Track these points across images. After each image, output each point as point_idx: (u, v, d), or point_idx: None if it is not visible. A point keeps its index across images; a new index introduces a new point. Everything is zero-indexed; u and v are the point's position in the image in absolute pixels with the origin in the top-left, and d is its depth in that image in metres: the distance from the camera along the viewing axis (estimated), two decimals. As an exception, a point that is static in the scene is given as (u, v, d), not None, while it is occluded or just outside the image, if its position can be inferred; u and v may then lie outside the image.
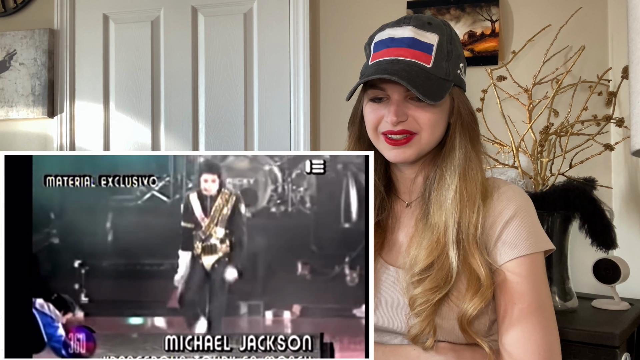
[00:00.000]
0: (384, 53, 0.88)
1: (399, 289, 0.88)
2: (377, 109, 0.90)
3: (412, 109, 0.87)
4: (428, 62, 0.86)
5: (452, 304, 0.84)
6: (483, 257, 0.84)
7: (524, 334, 0.81)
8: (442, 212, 0.86)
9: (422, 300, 0.82)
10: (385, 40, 0.89)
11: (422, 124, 0.87)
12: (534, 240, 0.85)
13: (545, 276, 0.86)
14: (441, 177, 0.89)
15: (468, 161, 0.88)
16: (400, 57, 0.86)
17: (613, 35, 1.73)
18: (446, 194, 0.87)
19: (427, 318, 0.82)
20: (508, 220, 0.85)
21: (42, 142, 2.47)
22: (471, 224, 0.85)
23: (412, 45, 0.87)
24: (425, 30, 0.88)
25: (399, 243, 0.94)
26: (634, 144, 0.76)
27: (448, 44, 0.89)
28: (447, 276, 0.83)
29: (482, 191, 0.87)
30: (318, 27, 2.15)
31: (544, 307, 0.83)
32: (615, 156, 1.70)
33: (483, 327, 0.85)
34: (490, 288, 0.83)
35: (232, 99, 2.22)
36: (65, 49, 2.43)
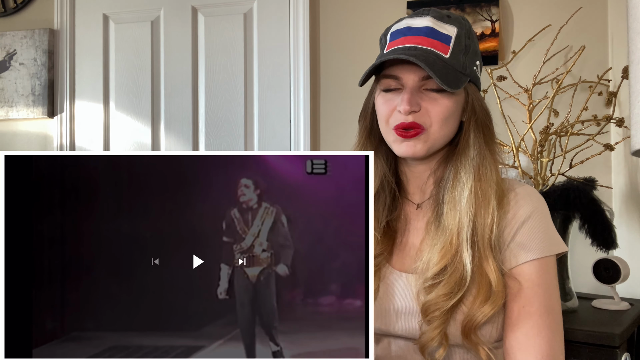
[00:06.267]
0: (401, 41, 0.86)
1: (410, 296, 0.85)
2: (389, 100, 0.86)
3: (426, 100, 0.84)
4: (446, 53, 0.84)
5: (464, 310, 0.81)
6: (496, 263, 0.81)
7: (529, 337, 0.80)
8: (456, 213, 0.83)
9: (435, 307, 0.80)
10: (403, 30, 0.87)
11: (433, 117, 0.84)
12: (547, 244, 0.83)
13: (556, 280, 0.84)
14: (456, 175, 0.86)
15: (482, 159, 0.85)
16: (418, 44, 0.84)
17: (613, 35, 1.73)
18: (461, 194, 0.84)
19: (440, 326, 0.80)
20: (523, 222, 0.83)
21: (42, 142, 2.47)
22: (486, 226, 0.82)
23: (430, 35, 0.85)
24: (444, 22, 0.86)
25: (408, 247, 0.91)
26: (634, 144, 0.76)
27: (466, 38, 0.87)
28: (461, 280, 0.80)
29: (497, 191, 0.84)
30: (318, 27, 2.15)
31: (552, 311, 0.81)
32: (615, 156, 1.70)
33: (489, 334, 0.83)
34: (501, 296, 0.80)
35: (232, 99, 2.22)
36: (65, 49, 2.43)
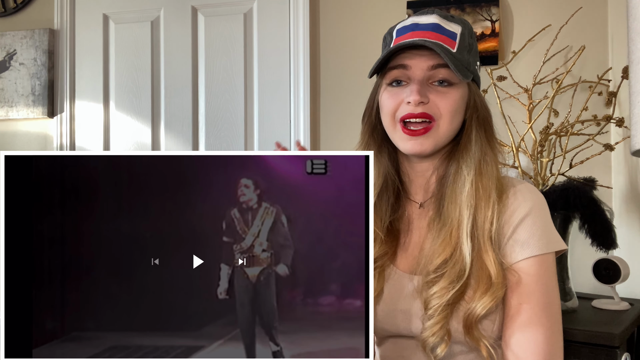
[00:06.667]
0: (408, 36, 0.86)
1: (414, 296, 0.86)
2: (396, 94, 0.87)
3: (434, 93, 0.85)
4: (453, 47, 0.85)
5: (465, 304, 0.81)
6: (496, 255, 0.82)
7: (527, 334, 0.80)
8: (457, 206, 0.84)
9: (436, 301, 0.80)
10: (410, 26, 0.88)
11: (442, 109, 0.85)
12: (546, 241, 0.83)
13: (555, 277, 0.85)
14: (457, 170, 0.87)
15: (484, 155, 0.86)
16: (426, 38, 0.85)
17: (613, 35, 1.73)
18: (462, 188, 0.85)
19: (441, 321, 0.80)
20: (522, 219, 0.84)
21: (42, 142, 2.47)
22: (486, 219, 0.83)
23: (437, 30, 0.86)
24: (448, 21, 0.88)
25: (412, 247, 0.91)
26: (634, 144, 0.76)
27: (469, 37, 0.89)
28: (461, 271, 0.81)
29: (498, 187, 0.85)
30: (318, 27, 2.15)
31: (551, 308, 0.82)
32: (615, 156, 1.70)
33: (491, 329, 0.83)
34: (501, 287, 0.81)
35: (232, 99, 2.22)
36: (65, 49, 2.43)
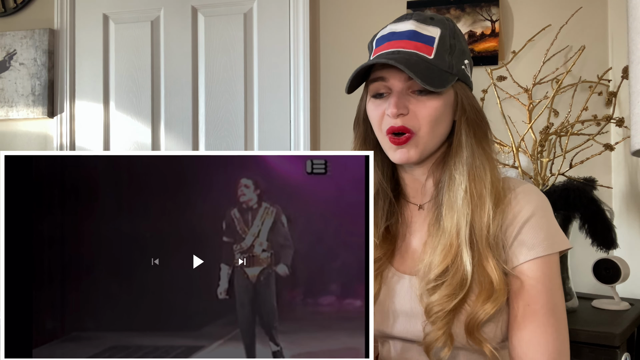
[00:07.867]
0: (385, 46, 0.87)
1: (414, 298, 0.86)
2: (379, 105, 0.87)
3: (414, 102, 0.85)
4: (429, 54, 0.85)
5: (468, 309, 0.81)
6: (496, 261, 0.82)
7: (534, 336, 0.80)
8: (454, 214, 0.84)
9: (438, 308, 0.81)
10: (387, 35, 0.88)
11: (421, 120, 0.85)
12: (550, 242, 0.83)
13: (559, 278, 0.84)
14: (451, 177, 0.86)
15: (475, 159, 0.86)
16: (401, 48, 0.85)
17: (613, 35, 1.73)
18: (457, 195, 0.84)
19: (444, 327, 0.80)
20: (526, 221, 0.83)
21: (42, 142, 2.47)
22: (483, 226, 0.82)
23: (412, 38, 0.86)
24: (426, 24, 0.87)
25: (411, 249, 0.91)
26: (634, 144, 0.76)
27: (451, 38, 0.88)
28: (462, 280, 0.81)
29: (493, 191, 0.84)
30: (318, 27, 2.15)
31: (556, 310, 0.82)
32: (615, 156, 1.70)
33: (494, 332, 0.83)
34: (503, 293, 0.81)
35: (232, 99, 2.22)
36: (65, 49, 2.43)
